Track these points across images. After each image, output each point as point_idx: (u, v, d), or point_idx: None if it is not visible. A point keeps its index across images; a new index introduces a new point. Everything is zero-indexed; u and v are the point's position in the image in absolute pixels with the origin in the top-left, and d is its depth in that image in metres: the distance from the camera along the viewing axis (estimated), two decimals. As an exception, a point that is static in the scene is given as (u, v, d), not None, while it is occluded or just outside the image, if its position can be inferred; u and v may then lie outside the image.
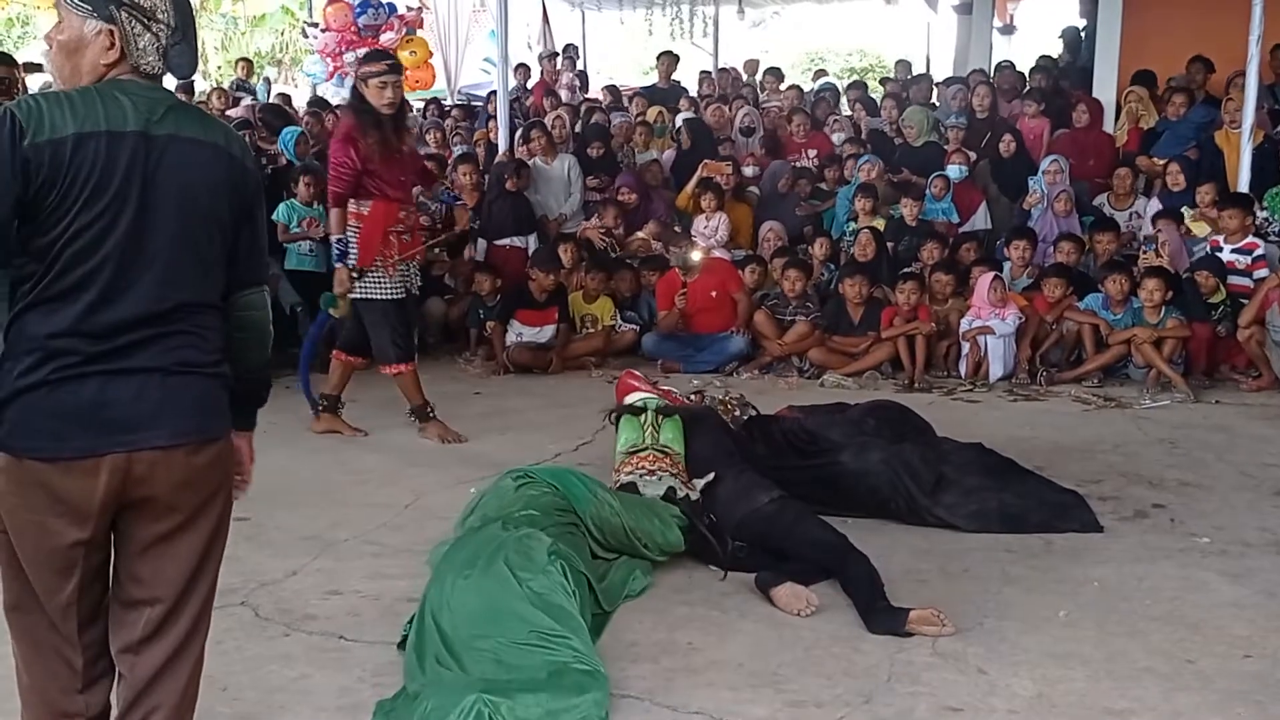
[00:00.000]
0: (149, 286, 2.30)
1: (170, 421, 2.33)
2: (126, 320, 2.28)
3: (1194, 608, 3.92)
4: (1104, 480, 5.35)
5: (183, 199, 2.34)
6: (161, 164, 2.31)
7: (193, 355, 2.38)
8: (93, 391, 2.26)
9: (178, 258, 2.33)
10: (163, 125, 2.33)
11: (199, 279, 2.39)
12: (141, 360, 2.31)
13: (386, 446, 6.07)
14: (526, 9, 16.92)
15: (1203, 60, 9.92)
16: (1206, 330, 7.38)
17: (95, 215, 2.25)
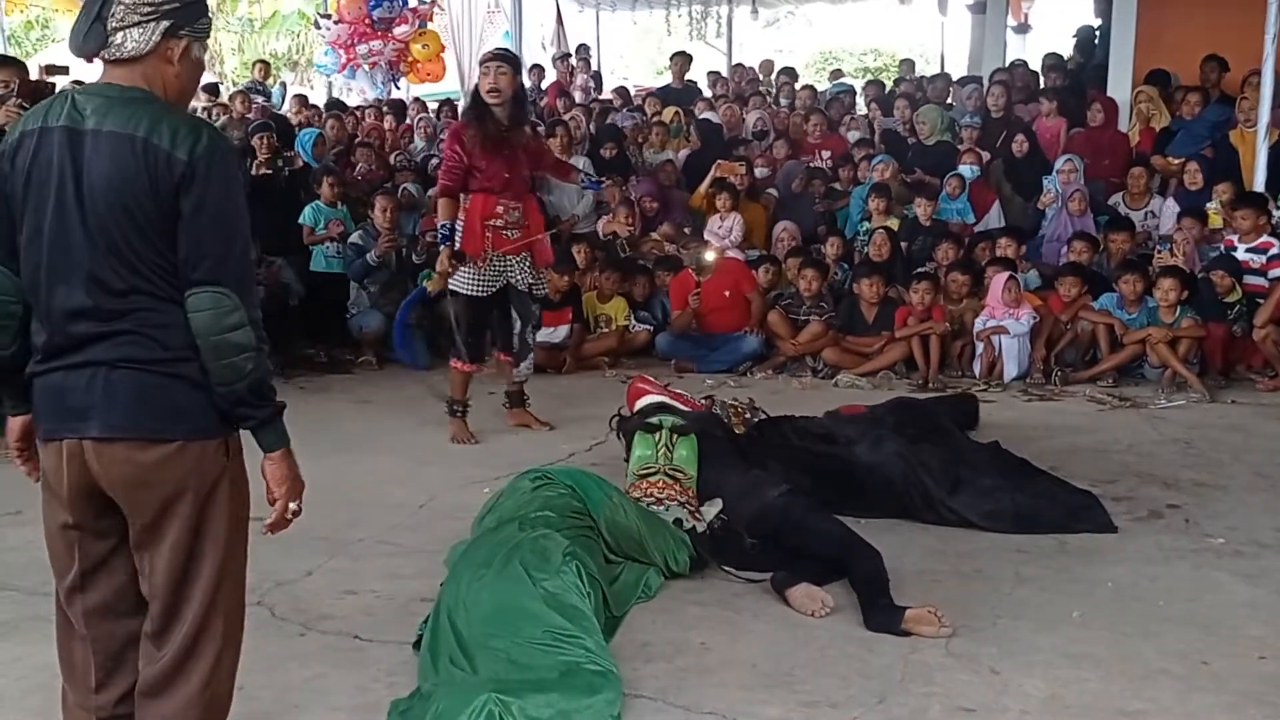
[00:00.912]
0: (78, 284, 2.34)
1: (105, 415, 2.36)
2: (69, 314, 2.35)
3: (1209, 608, 3.91)
4: (1118, 480, 5.33)
5: (97, 194, 2.32)
6: (83, 158, 2.32)
7: (137, 352, 2.35)
8: (58, 380, 2.39)
9: (100, 254, 2.33)
10: (91, 119, 2.34)
11: (130, 275, 2.33)
12: (92, 354, 2.35)
13: (401, 446, 6.09)
14: (541, 10, 16.94)
15: (1217, 59, 9.89)
16: (1222, 330, 7.35)
17: (32, 213, 2.37)
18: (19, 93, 5.79)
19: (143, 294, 2.34)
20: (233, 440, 2.52)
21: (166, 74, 2.42)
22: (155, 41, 2.38)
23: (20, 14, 21.50)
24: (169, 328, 2.36)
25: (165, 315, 2.36)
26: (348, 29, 14.18)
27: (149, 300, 2.35)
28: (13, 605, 3.99)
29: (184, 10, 2.41)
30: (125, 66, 2.39)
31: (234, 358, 2.37)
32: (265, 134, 8.97)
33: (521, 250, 5.96)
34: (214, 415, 2.43)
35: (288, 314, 8.28)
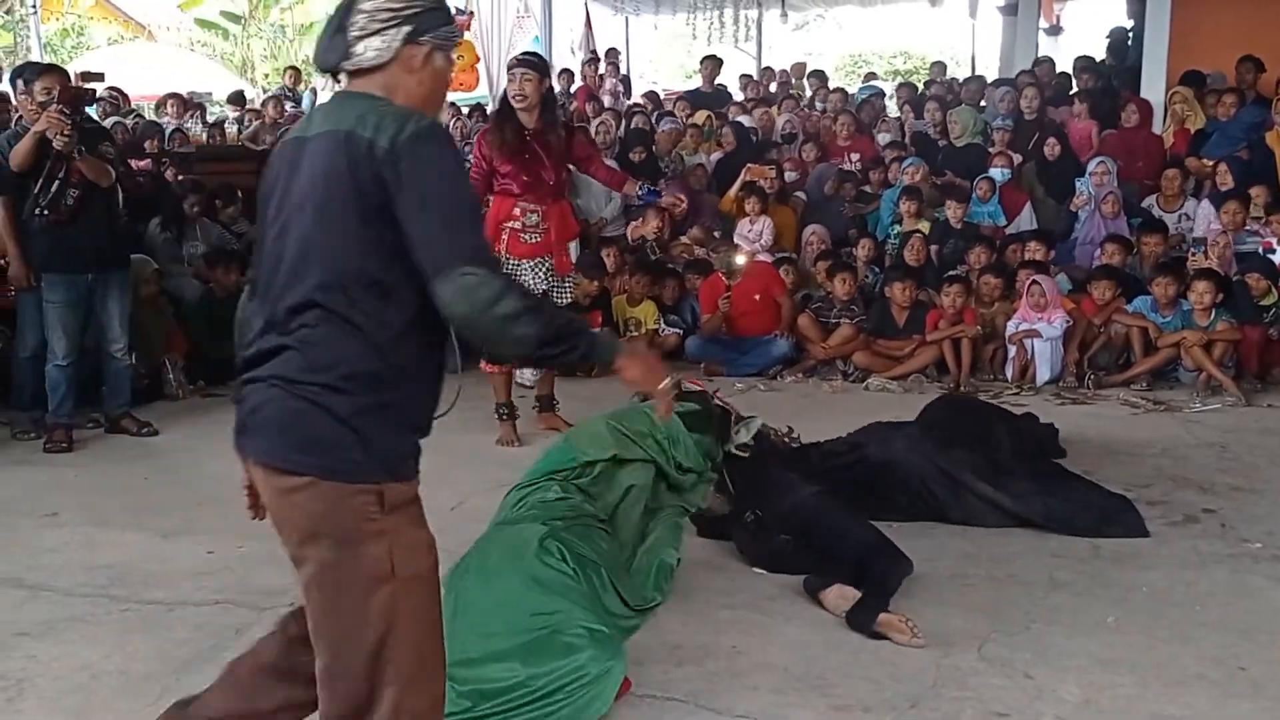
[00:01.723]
0: (271, 298, 2.24)
1: (254, 435, 2.24)
2: (259, 328, 2.26)
3: (1245, 614, 3.87)
4: (1153, 485, 5.29)
5: (301, 197, 2.22)
6: (299, 165, 2.25)
7: (290, 371, 2.17)
8: (241, 394, 2.30)
9: (291, 265, 2.20)
10: (314, 126, 2.29)
11: (312, 288, 2.16)
12: (262, 370, 2.23)
13: (432, 448, 6.08)
14: (570, 14, 16.99)
15: (1253, 59, 9.80)
16: (1258, 333, 7.28)
17: (263, 218, 2.34)
18: (59, 99, 5.87)
19: (319, 308, 2.16)
20: (391, 491, 2.22)
21: (407, 83, 2.31)
22: (396, 49, 2.28)
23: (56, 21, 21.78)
24: (331, 349, 2.16)
25: (332, 335, 2.16)
26: None
27: (323, 315, 2.16)
28: (50, 605, 4.04)
29: (425, 15, 2.32)
30: (365, 77, 2.30)
31: (510, 331, 2.13)
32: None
33: (538, 255, 5.97)
34: (362, 457, 2.17)
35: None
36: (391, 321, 2.17)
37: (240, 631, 3.78)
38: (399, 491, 2.23)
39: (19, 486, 5.51)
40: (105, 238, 6.19)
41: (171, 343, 7.50)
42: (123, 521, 4.94)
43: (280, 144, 2.37)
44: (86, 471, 5.77)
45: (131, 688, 3.41)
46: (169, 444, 6.31)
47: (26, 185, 5.97)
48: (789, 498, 4.36)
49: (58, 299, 6.08)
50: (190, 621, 3.88)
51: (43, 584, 4.24)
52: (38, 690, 3.41)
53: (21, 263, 6.08)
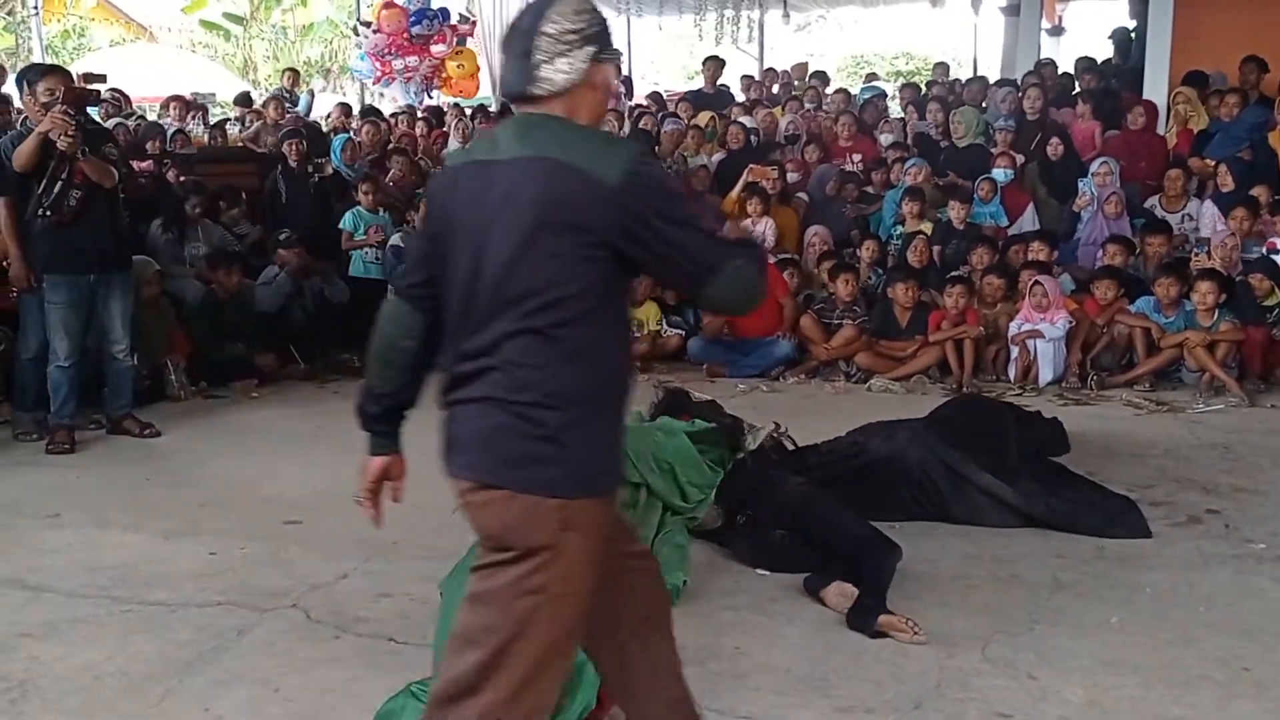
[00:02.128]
0: (477, 320, 2.26)
1: (463, 454, 2.33)
2: (462, 351, 2.30)
3: (1249, 614, 3.86)
4: (1156, 485, 5.28)
5: (505, 223, 2.22)
6: (495, 189, 2.26)
7: (499, 391, 2.23)
8: (447, 415, 2.38)
9: (500, 288, 2.22)
10: (505, 150, 2.28)
11: (523, 312, 2.20)
12: (471, 390, 2.29)
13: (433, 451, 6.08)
14: (571, 16, 16.97)
15: (1256, 60, 9.79)
16: (1261, 333, 7.27)
17: (449, 250, 2.33)
18: (63, 99, 5.87)
19: (528, 331, 2.19)
20: (578, 507, 2.24)
21: (590, 100, 2.34)
22: (583, 69, 2.30)
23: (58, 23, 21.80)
24: (537, 369, 2.21)
25: (538, 355, 2.21)
26: (385, 39, 14.26)
27: (531, 337, 2.20)
28: (53, 607, 4.03)
29: (603, 33, 2.33)
30: (546, 103, 2.31)
31: (753, 295, 2.28)
32: (295, 140, 9.03)
33: None
34: (559, 473, 2.22)
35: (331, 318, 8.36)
36: (594, 342, 2.23)
37: (242, 633, 3.78)
38: (586, 508, 2.26)
39: (21, 488, 5.51)
40: (108, 239, 6.19)
41: (173, 344, 7.50)
42: (125, 523, 4.93)
43: (456, 164, 2.39)
44: (88, 473, 5.77)
45: (134, 689, 3.41)
46: (171, 445, 6.31)
47: (29, 186, 5.98)
48: (776, 491, 4.37)
49: (60, 300, 6.08)
50: (192, 623, 3.88)
51: (45, 585, 4.23)
52: (40, 691, 3.41)
53: (23, 264, 6.08)
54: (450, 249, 2.31)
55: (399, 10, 14.25)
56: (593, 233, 2.18)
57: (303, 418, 6.94)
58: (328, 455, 6.04)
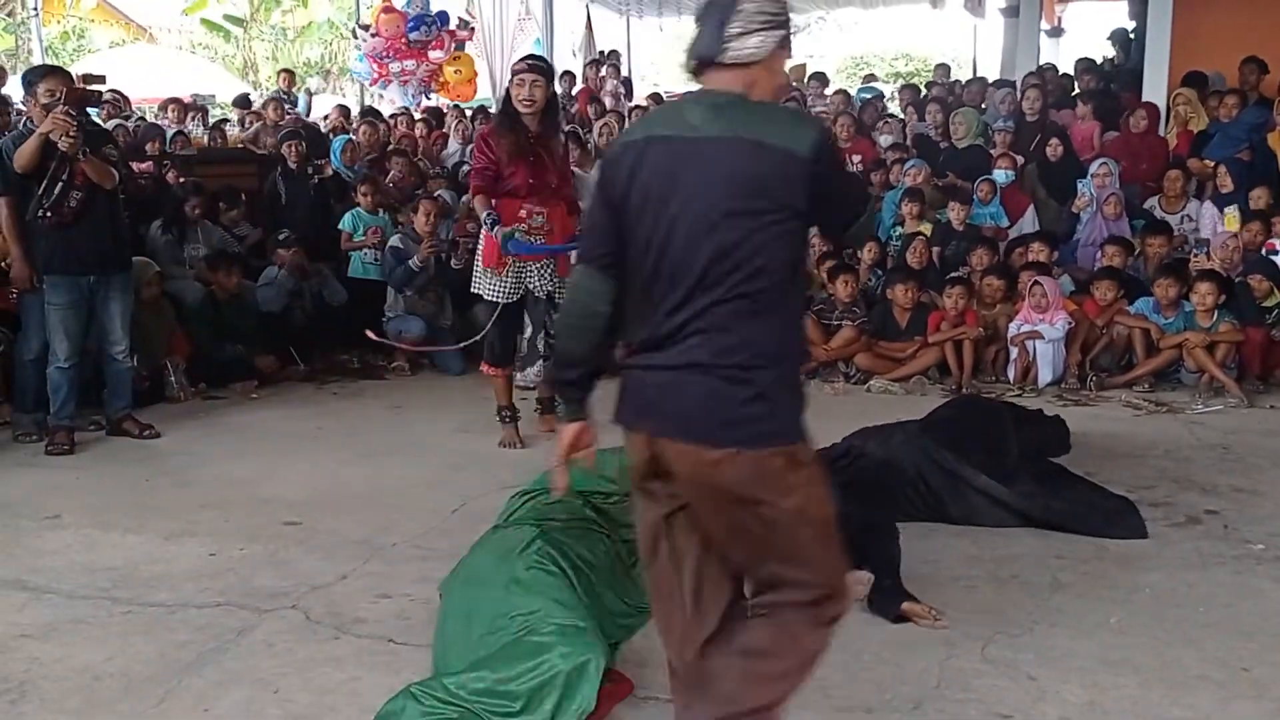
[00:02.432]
0: (681, 287, 2.41)
1: (675, 416, 2.44)
2: (667, 314, 2.44)
3: (1248, 615, 3.86)
4: (1156, 486, 5.28)
5: (711, 198, 2.38)
6: (694, 165, 2.40)
7: (711, 356, 2.39)
8: (640, 376, 2.53)
9: (705, 258, 2.38)
10: (701, 128, 2.43)
11: (729, 278, 2.38)
12: (679, 354, 2.43)
13: (434, 451, 6.11)
14: (571, 16, 17.00)
15: (1256, 60, 9.79)
16: (1260, 334, 7.27)
17: (643, 220, 2.46)
18: (65, 99, 5.88)
19: (735, 299, 2.38)
20: (799, 450, 2.46)
21: (766, 82, 2.51)
22: (769, 49, 2.48)
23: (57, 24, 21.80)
24: (742, 334, 2.39)
25: (742, 321, 2.39)
26: (384, 43, 14.27)
27: (736, 304, 2.38)
28: (52, 608, 4.03)
29: (789, 25, 2.51)
30: (730, 72, 2.46)
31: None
32: (294, 142, 9.02)
33: (541, 257, 5.96)
34: (773, 426, 2.42)
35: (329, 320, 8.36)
36: (786, 303, 2.46)
37: (242, 633, 3.78)
38: (800, 449, 2.47)
39: (21, 489, 5.50)
40: (107, 240, 6.19)
41: (173, 345, 7.49)
42: (124, 524, 4.93)
43: (638, 139, 2.49)
44: (88, 474, 5.77)
45: (134, 690, 3.42)
46: (171, 446, 6.31)
47: (30, 186, 5.98)
48: None
49: (59, 301, 6.08)
50: (192, 623, 3.88)
51: (45, 586, 4.23)
52: (40, 692, 3.41)
53: (25, 263, 6.08)
54: (639, 220, 2.46)
55: (397, 15, 14.26)
56: (791, 203, 2.38)
57: (302, 419, 6.94)
58: (327, 456, 6.05)
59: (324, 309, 8.34)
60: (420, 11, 14.27)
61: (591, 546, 3.81)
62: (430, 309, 8.33)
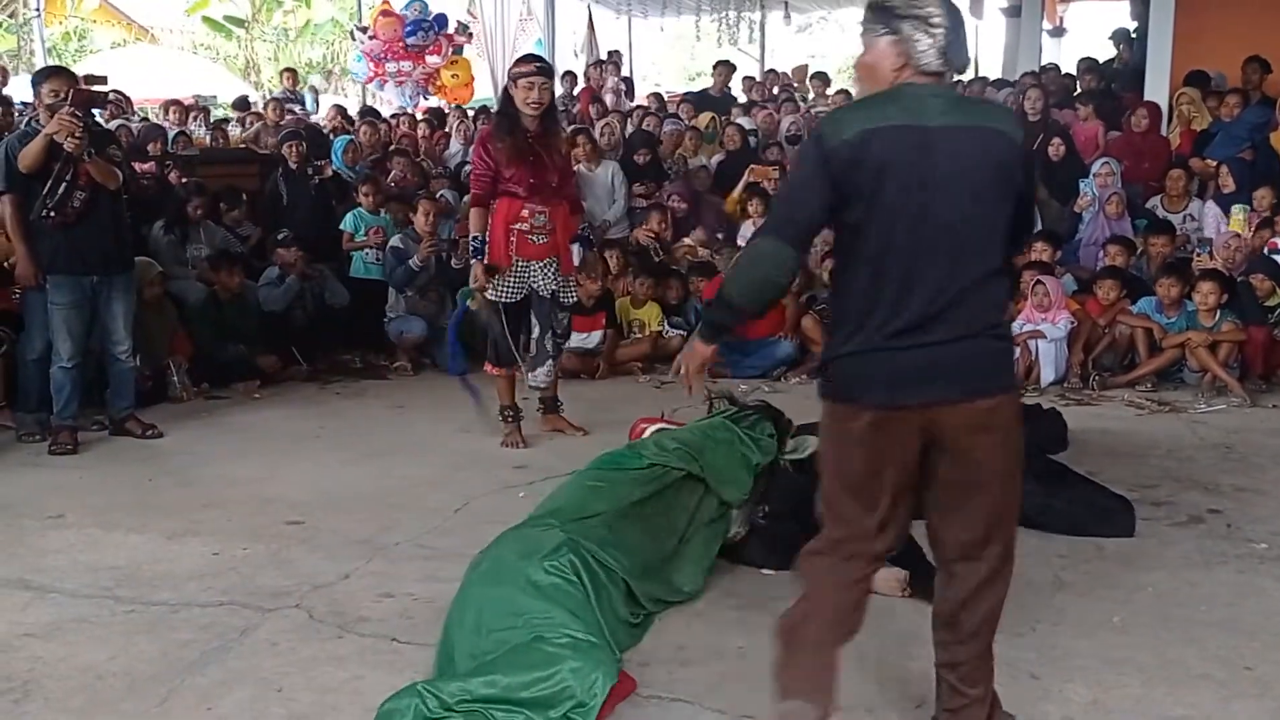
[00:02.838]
0: (935, 266, 2.65)
1: (959, 378, 2.73)
2: (925, 294, 2.66)
3: (1251, 614, 3.86)
4: (1158, 485, 5.28)
5: (959, 182, 2.64)
6: (938, 151, 2.63)
7: (978, 324, 2.72)
8: (904, 355, 2.74)
9: (957, 238, 2.66)
10: (937, 117, 2.66)
11: (978, 254, 2.68)
12: (942, 328, 2.69)
13: (436, 451, 6.11)
14: (572, 17, 17.00)
15: (1259, 60, 9.78)
16: (1263, 333, 7.27)
17: (877, 204, 2.65)
18: (72, 101, 5.89)
19: (993, 273, 2.71)
20: (1015, 393, 2.89)
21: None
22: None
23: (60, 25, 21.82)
24: (994, 301, 2.75)
25: (995, 291, 2.74)
26: (381, 45, 14.29)
27: (991, 277, 2.71)
28: (56, 607, 4.04)
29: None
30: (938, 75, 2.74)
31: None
32: (294, 142, 9.03)
33: (547, 255, 5.96)
34: (1014, 374, 2.99)
35: (331, 320, 8.36)
36: (1004, 276, 2.79)
37: (245, 633, 3.79)
38: (1018, 393, 2.95)
39: (24, 488, 5.51)
40: (110, 240, 6.20)
41: (175, 345, 7.50)
42: (127, 523, 4.94)
43: (878, 126, 2.64)
44: (91, 473, 5.78)
45: (136, 689, 3.42)
46: (173, 446, 6.32)
47: (34, 186, 5.98)
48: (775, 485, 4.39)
49: (62, 301, 6.09)
50: (195, 623, 3.88)
51: (48, 586, 4.24)
52: (43, 691, 3.41)
53: (30, 262, 6.08)
54: (881, 200, 2.64)
55: (395, 19, 14.29)
56: (1017, 185, 2.74)
57: (305, 418, 6.94)
58: (330, 456, 6.05)
59: (325, 309, 8.35)
60: (418, 16, 14.30)
61: (624, 541, 3.83)
62: (431, 309, 8.34)
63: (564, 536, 3.69)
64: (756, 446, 4.54)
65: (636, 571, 3.79)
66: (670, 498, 4.19)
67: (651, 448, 4.42)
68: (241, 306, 7.99)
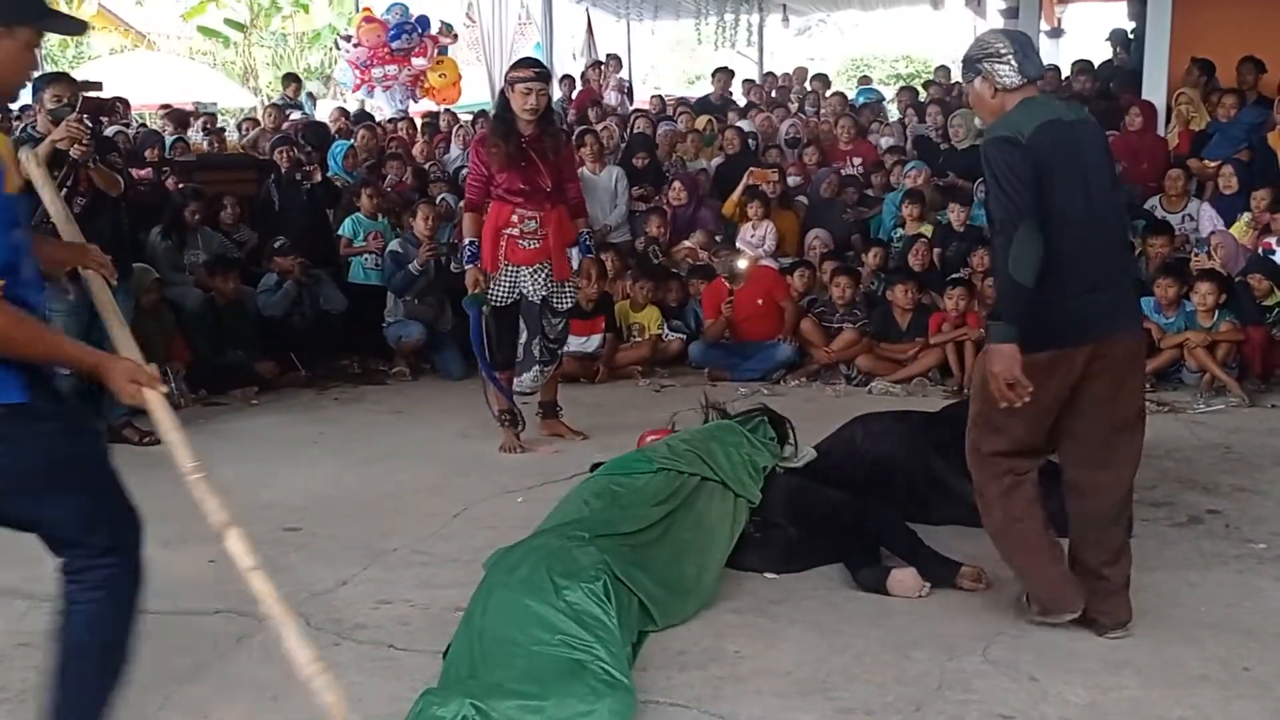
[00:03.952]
0: (1102, 239, 3.49)
1: (1124, 321, 3.64)
2: (1098, 261, 3.47)
3: (1250, 614, 3.86)
4: (1157, 486, 5.27)
5: (1099, 169, 3.52)
6: (1084, 143, 3.51)
7: (1128, 279, 3.81)
8: (1090, 303, 3.51)
9: (1106, 213, 3.51)
10: (1069, 114, 3.57)
11: (1119, 227, 3.66)
12: (1109, 286, 3.51)
13: (435, 456, 6.11)
14: (571, 21, 17.01)
15: (1254, 60, 9.78)
16: (1261, 333, 7.26)
17: (1061, 187, 3.40)
18: (82, 108, 5.90)
19: (1123, 238, 3.68)
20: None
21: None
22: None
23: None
24: (1127, 260, 3.89)
25: (1123, 253, 3.80)
26: (366, 52, 14.29)
27: (1122, 242, 3.69)
28: (45, 617, 4.01)
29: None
30: (1034, 85, 3.57)
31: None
32: (285, 148, 9.02)
33: (537, 260, 5.95)
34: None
35: (329, 325, 8.35)
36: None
37: (241, 640, 3.78)
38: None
39: (21, 496, 5.49)
40: (110, 246, 6.19)
41: (173, 351, 7.49)
42: (124, 530, 4.91)
43: (1043, 122, 3.43)
44: (88, 481, 5.75)
45: (131, 698, 3.38)
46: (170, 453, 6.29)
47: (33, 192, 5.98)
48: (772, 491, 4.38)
49: (61, 308, 6.09)
50: (191, 631, 3.87)
51: (45, 594, 4.17)
52: (40, 701, 3.39)
53: None
54: (1056, 186, 3.38)
55: (378, 24, 14.30)
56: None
57: (303, 424, 6.94)
58: (328, 462, 6.05)
59: (323, 314, 8.34)
60: (400, 19, 14.31)
61: (648, 564, 3.82)
62: (430, 313, 8.33)
63: (599, 556, 3.67)
64: (764, 449, 4.54)
65: (659, 594, 3.78)
66: (695, 509, 4.17)
67: (663, 449, 4.42)
68: (239, 312, 7.98)
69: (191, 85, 17.77)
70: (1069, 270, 3.38)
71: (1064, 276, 3.37)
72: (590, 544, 3.74)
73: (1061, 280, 3.36)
